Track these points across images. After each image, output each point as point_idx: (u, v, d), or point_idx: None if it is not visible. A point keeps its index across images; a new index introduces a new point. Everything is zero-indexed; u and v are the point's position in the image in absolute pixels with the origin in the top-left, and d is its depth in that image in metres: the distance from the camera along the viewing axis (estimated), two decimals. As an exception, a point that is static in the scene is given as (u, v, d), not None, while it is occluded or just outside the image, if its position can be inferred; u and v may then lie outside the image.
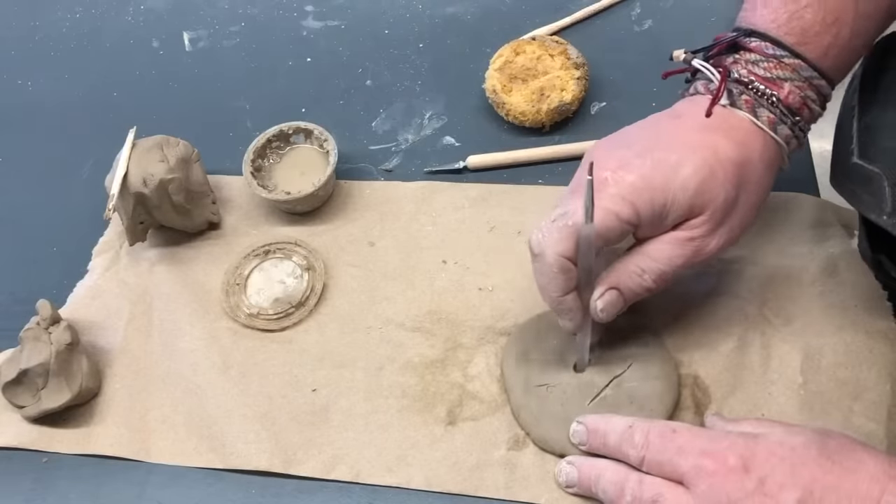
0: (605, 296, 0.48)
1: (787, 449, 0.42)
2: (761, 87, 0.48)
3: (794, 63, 0.48)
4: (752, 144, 0.48)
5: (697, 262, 0.48)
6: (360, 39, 0.77)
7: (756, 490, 0.40)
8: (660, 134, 0.49)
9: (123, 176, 0.59)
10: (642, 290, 0.48)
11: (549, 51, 0.69)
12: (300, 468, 0.52)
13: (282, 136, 0.66)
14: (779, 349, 0.54)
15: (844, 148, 0.50)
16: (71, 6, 0.84)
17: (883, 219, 0.45)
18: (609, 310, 0.48)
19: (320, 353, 0.57)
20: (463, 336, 0.57)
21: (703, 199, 0.46)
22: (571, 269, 0.47)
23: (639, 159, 0.47)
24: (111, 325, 0.60)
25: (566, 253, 0.46)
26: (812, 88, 0.49)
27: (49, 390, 0.54)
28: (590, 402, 0.51)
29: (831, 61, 0.49)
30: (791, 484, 0.40)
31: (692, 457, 0.42)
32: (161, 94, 0.75)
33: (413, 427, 0.53)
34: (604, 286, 0.48)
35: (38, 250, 0.65)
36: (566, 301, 0.48)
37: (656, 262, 0.48)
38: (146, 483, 0.53)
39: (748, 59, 0.49)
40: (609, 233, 0.46)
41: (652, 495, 0.43)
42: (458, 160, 0.66)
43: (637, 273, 0.48)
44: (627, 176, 0.46)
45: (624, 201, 0.46)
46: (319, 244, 0.63)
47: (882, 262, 0.51)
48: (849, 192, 0.49)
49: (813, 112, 0.50)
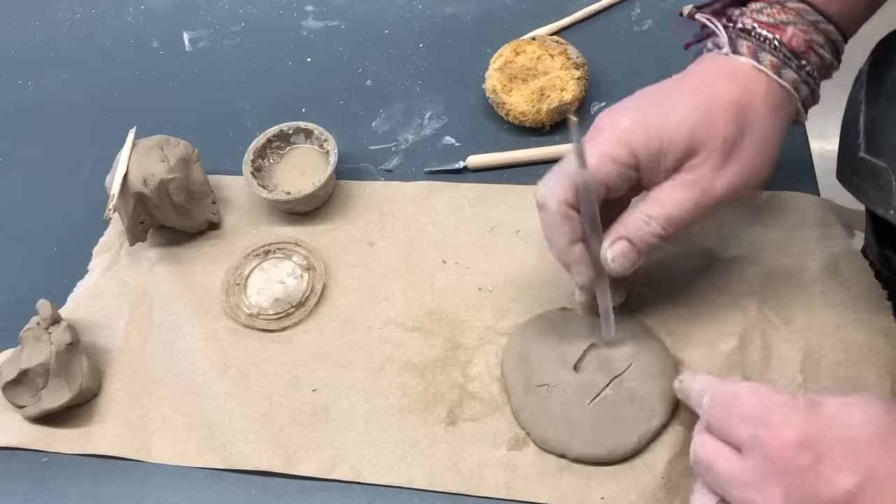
0: (615, 245, 0.48)
1: (848, 423, 0.38)
2: (763, 32, 0.48)
3: (798, 7, 0.48)
4: (755, 88, 0.48)
5: (707, 205, 0.47)
6: (360, 39, 0.78)
7: (809, 468, 0.38)
8: (661, 87, 0.50)
9: (124, 176, 0.59)
10: (652, 237, 0.48)
11: (549, 51, 0.69)
12: (300, 468, 0.52)
13: (282, 136, 0.66)
14: (779, 348, 0.54)
15: (851, 143, 0.50)
16: (71, 6, 0.84)
17: (890, 213, 0.45)
18: (621, 260, 0.48)
19: (320, 353, 0.57)
20: (463, 336, 0.57)
21: (699, 137, 0.46)
22: (574, 216, 0.47)
23: (636, 105, 0.48)
24: (111, 325, 0.60)
25: (568, 200, 0.47)
26: (818, 32, 0.49)
27: (49, 390, 0.54)
28: (590, 402, 0.51)
29: (839, 6, 0.48)
30: (851, 467, 0.37)
31: (750, 426, 0.41)
32: (161, 94, 0.76)
33: (413, 427, 0.53)
34: (613, 236, 0.48)
35: (38, 250, 0.66)
36: (573, 252, 0.48)
37: (662, 206, 0.47)
38: (146, 483, 0.53)
39: (753, 8, 0.50)
40: (608, 177, 0.46)
41: (708, 459, 0.43)
42: (458, 160, 0.66)
43: (644, 220, 0.47)
44: (623, 120, 0.47)
45: (619, 143, 0.46)
46: (319, 244, 0.63)
47: (889, 256, 0.51)
48: (855, 186, 0.49)
49: (823, 59, 0.49)
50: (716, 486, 0.42)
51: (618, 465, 0.50)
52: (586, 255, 0.49)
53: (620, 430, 0.50)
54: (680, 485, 0.49)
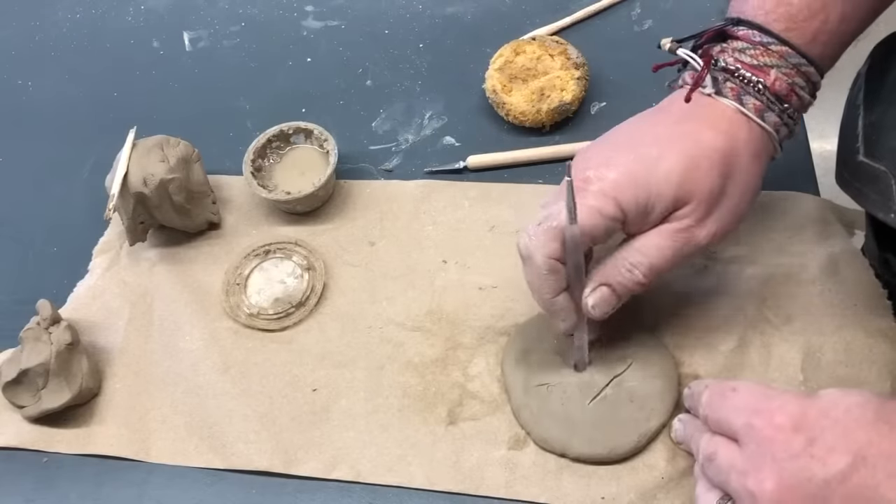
0: (596, 292, 0.48)
1: (841, 409, 0.39)
2: (747, 74, 0.48)
3: (782, 50, 0.48)
4: (738, 133, 0.48)
5: (689, 253, 0.48)
6: (360, 39, 0.78)
7: (803, 451, 0.38)
8: (643, 129, 0.49)
9: (124, 176, 0.59)
10: (633, 284, 0.48)
11: (549, 51, 0.69)
12: (301, 468, 0.52)
13: (282, 136, 0.66)
14: (779, 348, 0.54)
15: (850, 146, 0.49)
16: (71, 6, 0.84)
17: (891, 217, 0.45)
18: (601, 306, 0.48)
19: (321, 352, 0.57)
20: (463, 335, 0.57)
21: (687, 190, 0.46)
22: (560, 269, 0.47)
23: (621, 155, 0.47)
24: (111, 325, 0.60)
25: (554, 254, 0.46)
26: (800, 75, 0.49)
27: (49, 390, 0.54)
28: (590, 402, 0.51)
29: (820, 48, 0.48)
30: (842, 448, 0.38)
31: (744, 415, 0.42)
32: (161, 94, 0.76)
33: (413, 427, 0.53)
34: (594, 283, 0.48)
35: (38, 250, 0.66)
36: (558, 301, 0.48)
37: (645, 256, 0.47)
38: (146, 483, 0.53)
39: (735, 47, 0.49)
40: (594, 230, 0.46)
41: (709, 452, 0.43)
42: (458, 160, 0.66)
43: (626, 268, 0.48)
44: (609, 173, 0.46)
45: (606, 198, 0.46)
46: (319, 244, 0.63)
47: (889, 260, 0.51)
48: (855, 190, 0.49)
49: (802, 100, 0.49)
50: (717, 479, 0.43)
51: (618, 464, 0.50)
52: (570, 302, 0.48)
53: (620, 429, 0.50)
54: (680, 485, 0.49)
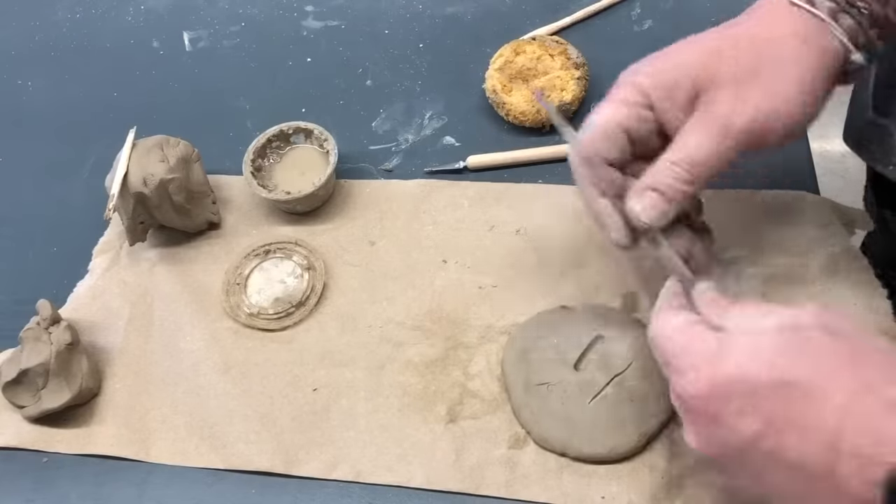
0: (644, 197, 0.47)
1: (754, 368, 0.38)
2: None
3: None
4: (780, 20, 0.47)
5: (730, 142, 0.46)
6: (360, 39, 0.78)
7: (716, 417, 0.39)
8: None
9: (123, 176, 0.59)
10: (679, 182, 0.46)
11: (549, 51, 0.69)
12: (301, 469, 0.52)
13: (282, 136, 0.66)
14: (779, 348, 0.54)
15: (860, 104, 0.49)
16: (71, 6, 0.84)
17: (889, 169, 0.45)
18: (650, 212, 0.47)
19: (321, 352, 0.57)
20: (463, 335, 0.57)
21: (710, 71, 0.46)
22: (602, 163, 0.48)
23: (654, 55, 0.49)
24: (111, 325, 0.60)
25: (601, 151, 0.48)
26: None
27: (49, 390, 0.54)
28: (590, 401, 0.51)
29: None
30: (750, 412, 0.37)
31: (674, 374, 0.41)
32: (161, 94, 0.76)
33: (414, 426, 0.53)
34: (639, 188, 0.47)
35: (38, 250, 0.66)
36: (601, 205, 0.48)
37: (683, 149, 0.46)
38: (146, 483, 0.53)
39: None
40: (626, 120, 0.47)
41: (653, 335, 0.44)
42: (458, 160, 0.66)
43: (667, 166, 0.47)
44: (640, 67, 0.48)
45: (628, 85, 0.47)
46: (319, 244, 0.63)
47: (886, 217, 0.51)
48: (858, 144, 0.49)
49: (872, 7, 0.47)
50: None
51: (618, 464, 0.51)
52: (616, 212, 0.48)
53: (620, 428, 0.50)
54: (680, 485, 0.49)
